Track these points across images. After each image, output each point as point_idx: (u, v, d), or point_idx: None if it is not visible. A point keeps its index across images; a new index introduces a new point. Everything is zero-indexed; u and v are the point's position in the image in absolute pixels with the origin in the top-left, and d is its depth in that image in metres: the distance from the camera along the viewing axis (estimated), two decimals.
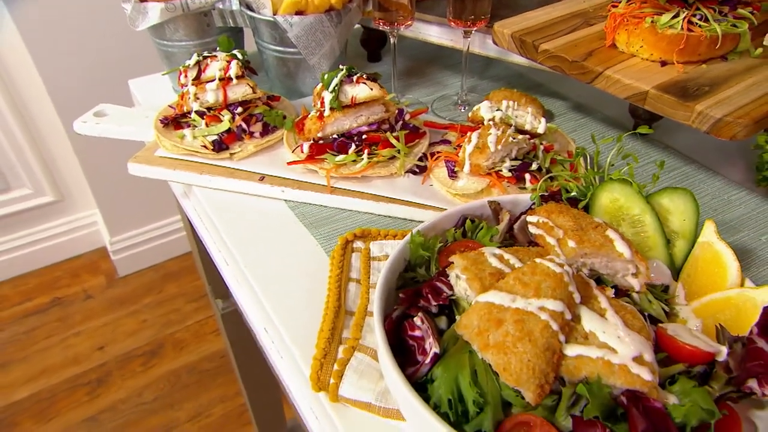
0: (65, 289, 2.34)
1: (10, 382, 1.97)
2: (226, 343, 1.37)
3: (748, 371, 0.44)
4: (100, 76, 1.96)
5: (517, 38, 0.77)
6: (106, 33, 1.89)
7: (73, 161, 2.19)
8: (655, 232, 0.56)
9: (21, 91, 2.02)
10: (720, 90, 0.64)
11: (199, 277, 2.42)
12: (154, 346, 2.13)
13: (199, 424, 1.88)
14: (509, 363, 0.43)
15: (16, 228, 2.29)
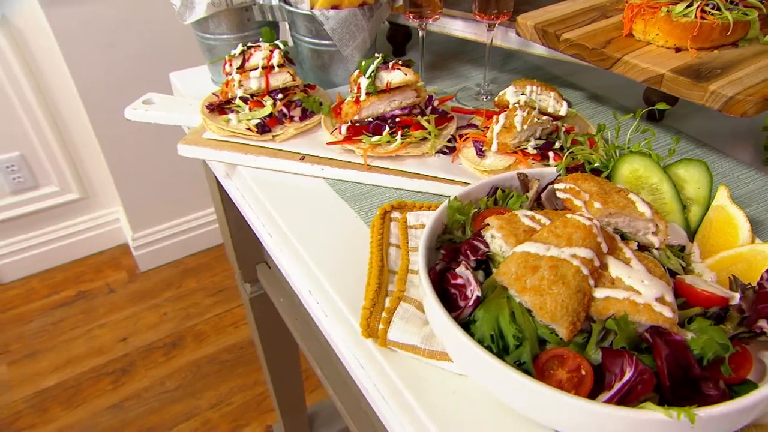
0: (89, 283, 2.40)
1: (39, 370, 2.03)
2: (253, 327, 1.41)
3: (759, 312, 0.48)
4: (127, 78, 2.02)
5: (540, 29, 0.82)
6: (133, 38, 1.97)
7: (98, 160, 2.25)
8: (672, 199, 0.61)
9: (53, 93, 2.09)
10: (731, 72, 0.69)
11: (216, 273, 2.48)
12: (174, 338, 2.18)
13: (220, 412, 1.93)
14: (545, 303, 0.48)
15: (43, 224, 2.36)
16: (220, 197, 1.15)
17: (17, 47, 1.93)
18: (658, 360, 0.45)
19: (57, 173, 2.27)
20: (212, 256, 2.55)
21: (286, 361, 1.53)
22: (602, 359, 0.46)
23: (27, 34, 1.93)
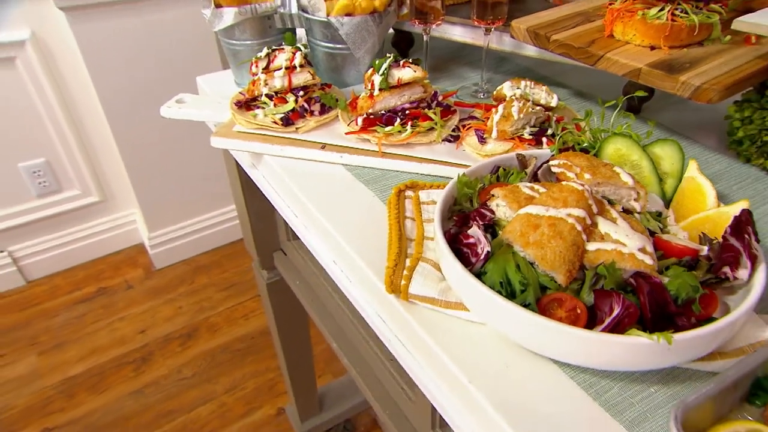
0: (109, 280, 2.43)
1: (66, 359, 2.07)
2: (269, 312, 1.45)
3: (723, 261, 0.54)
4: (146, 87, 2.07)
5: (532, 32, 0.88)
6: (151, 50, 2.02)
7: (117, 166, 2.30)
8: (650, 173, 0.67)
9: (77, 103, 2.14)
10: (698, 66, 0.75)
11: (226, 270, 2.52)
12: (190, 330, 2.22)
13: (234, 396, 1.96)
14: (545, 255, 0.53)
15: (66, 226, 2.40)
16: (242, 191, 1.19)
17: (44, 61, 1.97)
18: (641, 297, 0.51)
19: (78, 178, 2.31)
20: (222, 254, 2.59)
21: (299, 344, 1.58)
22: (594, 300, 0.52)
23: (53, 49, 1.97)
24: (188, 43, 2.05)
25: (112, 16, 1.86)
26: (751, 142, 0.78)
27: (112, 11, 1.85)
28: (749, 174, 0.79)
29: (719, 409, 0.48)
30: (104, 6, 1.82)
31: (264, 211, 1.23)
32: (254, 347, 2.15)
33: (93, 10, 1.81)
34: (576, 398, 0.51)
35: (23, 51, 1.92)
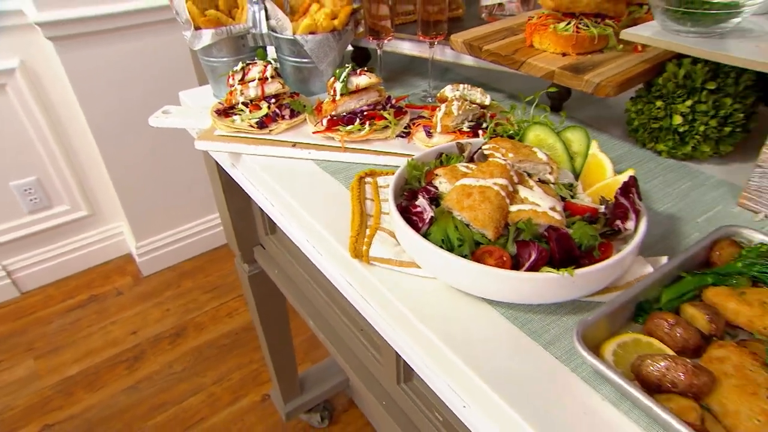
0: (99, 288, 2.43)
1: (62, 362, 2.06)
2: (251, 302, 1.50)
3: (615, 215, 0.63)
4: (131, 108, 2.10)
5: (468, 44, 0.97)
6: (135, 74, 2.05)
7: (104, 182, 2.31)
8: (563, 153, 0.76)
9: (64, 125, 2.15)
10: (598, 68, 0.85)
11: (210, 274, 2.54)
12: (178, 329, 2.24)
13: (222, 386, 1.99)
14: (477, 216, 0.61)
15: (57, 239, 2.39)
16: (223, 192, 1.24)
17: (33, 87, 1.99)
18: (551, 244, 0.59)
19: (68, 194, 2.31)
20: (205, 260, 2.61)
21: (279, 331, 1.63)
22: (517, 249, 0.60)
23: (42, 75, 1.99)
24: (167, 65, 2.09)
25: (97, 44, 1.89)
26: (644, 130, 0.88)
27: (96, 40, 1.88)
28: (644, 156, 0.89)
29: (612, 326, 0.57)
30: (89, 35, 1.85)
31: (243, 209, 1.29)
32: (238, 342, 2.18)
33: (79, 39, 1.84)
34: (505, 328, 0.59)
35: (13, 78, 1.93)
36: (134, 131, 2.13)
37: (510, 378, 0.54)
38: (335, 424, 1.89)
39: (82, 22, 1.80)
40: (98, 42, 1.88)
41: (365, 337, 1.00)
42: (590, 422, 0.50)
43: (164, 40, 2.04)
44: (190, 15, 0.96)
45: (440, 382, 0.59)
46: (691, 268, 0.63)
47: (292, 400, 1.79)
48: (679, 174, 0.85)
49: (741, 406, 0.46)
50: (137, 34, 1.96)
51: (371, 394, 1.00)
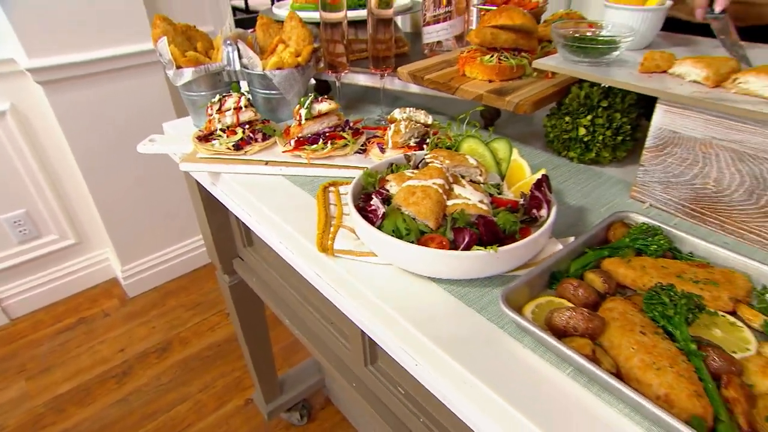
0: (87, 311, 2.39)
1: (53, 381, 2.02)
2: (232, 310, 1.53)
3: (531, 205, 0.71)
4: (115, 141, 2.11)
5: (412, 74, 1.06)
6: (119, 111, 2.07)
7: (90, 211, 2.30)
8: (491, 159, 0.85)
9: (51, 160, 2.14)
10: (517, 92, 0.95)
11: (192, 293, 2.53)
12: (164, 344, 2.22)
13: (207, 394, 1.99)
14: (420, 210, 0.69)
15: (45, 267, 2.35)
16: (204, 209, 1.28)
17: (23, 128, 1.99)
18: (480, 228, 0.67)
19: (55, 224, 2.29)
20: (188, 280, 2.60)
21: (259, 336, 1.65)
22: (453, 235, 0.68)
23: (31, 116, 2.00)
24: (146, 103, 2.12)
25: (83, 86, 1.91)
26: (558, 141, 0.98)
27: (82, 82, 1.90)
28: (560, 162, 0.99)
29: (531, 292, 0.65)
30: (76, 78, 1.88)
31: (222, 224, 1.33)
32: (221, 353, 2.18)
33: (66, 82, 1.86)
34: (447, 300, 0.67)
35: (4, 120, 1.93)
36: (118, 163, 2.14)
37: (452, 338, 0.61)
38: (313, 421, 1.91)
39: (70, 67, 1.83)
40: (84, 84, 1.91)
41: (335, 329, 1.06)
42: (515, 365, 0.57)
43: (143, 81, 2.08)
44: (173, 56, 1.02)
45: (396, 348, 0.66)
46: (592, 245, 0.72)
47: (273, 401, 1.80)
48: (586, 175, 0.95)
49: (622, 340, 0.55)
50: (119, 76, 1.99)
51: (343, 378, 1.05)
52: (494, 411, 0.55)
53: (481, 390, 0.56)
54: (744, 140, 0.71)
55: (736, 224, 0.76)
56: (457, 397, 0.58)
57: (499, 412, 0.54)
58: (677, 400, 0.49)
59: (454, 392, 0.59)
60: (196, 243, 2.60)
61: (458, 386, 0.58)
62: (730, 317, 0.60)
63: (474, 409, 0.56)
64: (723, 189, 0.76)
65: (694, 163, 0.78)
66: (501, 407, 0.54)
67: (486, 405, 0.55)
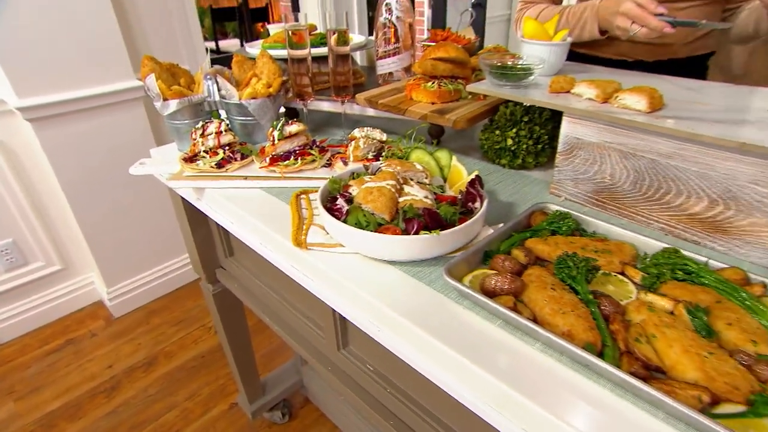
0: (74, 332, 2.35)
1: (43, 400, 1.98)
2: (216, 317, 1.57)
3: (467, 199, 0.82)
4: (100, 170, 2.13)
5: (368, 99, 1.17)
6: (104, 144, 2.10)
7: (75, 238, 2.29)
8: (435, 166, 0.96)
9: (38, 190, 2.14)
10: (455, 111, 1.07)
11: (175, 310, 2.52)
12: (150, 359, 2.21)
13: (193, 401, 1.99)
14: (377, 206, 0.78)
15: (33, 292, 2.31)
16: (189, 224, 1.34)
17: (11, 162, 1.99)
18: (426, 218, 0.76)
19: (42, 251, 2.26)
20: (170, 299, 2.59)
21: (242, 341, 1.69)
22: (405, 225, 0.78)
23: (19, 152, 2.00)
24: (128, 134, 2.15)
25: (70, 122, 1.94)
26: (491, 151, 1.10)
27: (69, 118, 1.93)
28: (494, 168, 1.11)
29: (469, 267, 0.75)
30: (63, 115, 1.91)
31: (205, 237, 1.39)
32: (205, 363, 2.19)
33: (54, 119, 1.89)
34: (402, 277, 0.76)
35: None
36: (103, 191, 2.16)
37: (407, 307, 0.70)
38: (294, 418, 1.94)
39: (57, 105, 1.86)
40: (71, 120, 1.94)
41: (310, 321, 1.12)
42: (457, 322, 0.67)
43: (126, 114, 2.11)
44: (160, 90, 1.10)
45: (362, 318, 0.74)
46: (517, 229, 0.83)
47: (256, 401, 1.83)
48: (515, 178, 1.07)
49: (537, 296, 0.65)
50: (104, 111, 2.03)
51: (320, 364, 1.12)
52: (443, 359, 0.64)
53: (432, 344, 0.65)
54: (626, 142, 0.85)
55: (627, 209, 0.89)
56: (413, 351, 0.67)
57: (447, 359, 0.63)
58: (576, 334, 0.59)
59: (410, 348, 0.67)
60: (177, 263, 2.60)
61: (413, 343, 0.67)
62: (619, 276, 0.72)
63: (426, 359, 0.65)
64: (616, 182, 0.89)
65: (594, 163, 0.91)
66: (448, 355, 0.63)
67: (437, 355, 0.64)
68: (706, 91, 0.96)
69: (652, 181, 0.85)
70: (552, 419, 0.54)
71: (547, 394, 0.56)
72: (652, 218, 0.87)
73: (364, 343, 0.97)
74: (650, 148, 0.83)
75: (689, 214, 0.82)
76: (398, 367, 0.87)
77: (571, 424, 0.53)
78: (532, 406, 0.55)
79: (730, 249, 0.79)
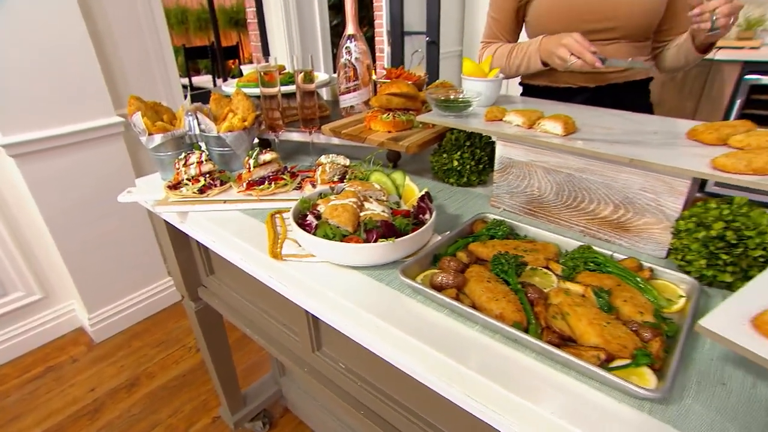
0: (55, 359, 2.30)
1: (25, 426, 1.92)
2: (198, 333, 1.60)
3: (419, 212, 0.92)
4: (82, 201, 2.13)
5: (333, 130, 1.27)
6: (85, 176, 2.11)
7: (56, 267, 2.26)
8: (392, 185, 1.06)
9: (19, 223, 2.11)
10: (408, 138, 1.18)
11: (155, 333, 2.50)
12: (132, 380, 2.18)
13: (177, 418, 1.98)
14: (341, 220, 0.87)
15: (13, 322, 2.26)
16: (172, 246, 1.38)
17: None
18: (383, 229, 0.86)
19: (22, 281, 2.22)
20: (151, 322, 2.57)
21: (223, 355, 1.72)
22: (366, 235, 0.87)
23: (1, 185, 1.98)
24: (109, 167, 2.18)
25: (54, 157, 1.95)
26: (441, 171, 1.21)
27: (53, 154, 1.94)
28: (444, 187, 1.22)
29: (420, 268, 0.84)
30: (47, 151, 1.92)
31: (187, 258, 1.43)
32: (186, 381, 2.18)
33: (37, 154, 1.90)
34: (364, 280, 0.84)
35: None
36: (85, 220, 2.16)
37: (369, 303, 0.79)
38: (274, 428, 1.95)
39: (40, 141, 1.87)
40: (54, 155, 1.95)
41: (286, 328, 1.18)
42: (411, 313, 0.76)
43: (107, 149, 2.14)
44: (146, 126, 1.16)
45: (333, 316, 0.82)
46: (462, 235, 0.93)
47: (237, 412, 1.84)
48: (462, 194, 1.18)
49: (476, 287, 0.75)
50: (86, 146, 2.05)
51: (297, 366, 1.18)
52: (401, 344, 0.72)
53: (391, 332, 0.74)
54: (548, 160, 0.98)
55: (552, 216, 1.01)
56: (376, 340, 0.75)
57: (405, 344, 0.72)
58: (507, 316, 0.69)
59: (374, 338, 0.76)
60: (157, 288, 2.59)
61: (376, 333, 0.75)
62: (544, 269, 0.83)
63: (387, 345, 0.74)
64: (542, 193, 1.01)
65: (524, 178, 1.04)
66: (406, 340, 0.72)
67: (396, 341, 0.73)
68: (609, 117, 1.11)
69: (569, 191, 0.97)
70: (491, 384, 0.63)
71: (486, 366, 0.65)
72: (572, 222, 0.99)
73: (336, 344, 1.04)
74: (566, 164, 0.96)
75: (600, 217, 0.95)
76: (366, 361, 0.94)
77: (506, 386, 0.62)
78: (475, 376, 0.64)
79: (632, 244, 0.92)
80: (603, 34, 1.29)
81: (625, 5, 1.24)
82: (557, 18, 1.28)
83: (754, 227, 0.74)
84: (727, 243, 0.75)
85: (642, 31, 1.30)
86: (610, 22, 1.26)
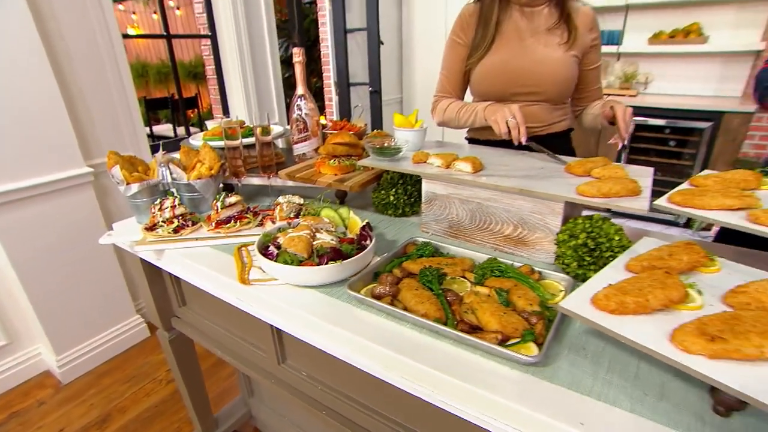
0: (19, 405, 2.17)
1: None
2: (172, 361, 1.61)
3: (360, 239, 1.07)
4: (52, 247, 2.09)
5: (288, 174, 1.39)
6: (56, 225, 2.08)
7: (23, 313, 2.18)
8: (339, 219, 1.19)
9: None
10: (352, 179, 1.33)
11: (125, 370, 2.42)
12: (104, 416, 2.10)
13: None
14: (298, 248, 0.99)
15: None
16: (147, 281, 1.42)
17: None
18: (333, 253, 0.99)
19: None
20: (120, 360, 2.48)
21: (195, 382, 1.73)
22: (318, 259, 0.99)
23: None
24: (77, 215, 2.17)
25: (24, 207, 1.92)
26: (381, 205, 1.36)
27: (24, 204, 1.92)
28: (383, 218, 1.36)
29: (364, 283, 0.97)
30: (16, 201, 1.90)
31: (161, 291, 1.47)
32: (159, 412, 2.13)
33: (8, 205, 1.87)
34: (318, 297, 0.95)
35: None
36: (54, 266, 2.11)
37: (323, 313, 0.90)
38: None
39: (11, 193, 1.86)
40: (24, 204, 1.93)
41: (254, 346, 1.25)
42: (359, 320, 0.88)
43: (77, 198, 2.13)
44: (124, 177, 1.24)
45: (294, 327, 0.92)
46: (397, 256, 1.08)
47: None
48: (398, 223, 1.33)
49: (407, 294, 0.89)
50: (56, 195, 2.04)
51: (264, 379, 1.25)
52: (351, 344, 0.84)
53: (342, 335, 0.85)
54: (462, 193, 1.15)
55: (469, 236, 1.18)
56: (330, 342, 0.87)
57: (354, 344, 0.84)
58: (430, 313, 0.84)
59: (328, 340, 0.87)
60: (125, 327, 2.53)
61: (329, 337, 0.87)
62: (461, 278, 0.98)
63: (339, 346, 0.85)
64: (461, 220, 1.19)
65: (445, 208, 1.21)
66: (354, 341, 0.84)
67: (346, 342, 0.85)
68: (508, 157, 1.32)
69: (480, 216, 1.15)
70: (420, 367, 0.76)
71: (416, 353, 0.79)
72: (484, 241, 1.17)
73: (299, 355, 1.13)
74: (476, 195, 1.14)
75: (504, 235, 1.13)
76: (324, 367, 1.05)
77: (435, 366, 0.75)
78: (408, 361, 0.78)
79: (530, 255, 1.10)
80: (529, 96, 1.50)
81: (547, 75, 1.46)
82: (493, 82, 1.48)
83: (605, 236, 0.94)
84: (588, 248, 0.94)
85: (559, 96, 1.51)
86: (534, 87, 1.48)
